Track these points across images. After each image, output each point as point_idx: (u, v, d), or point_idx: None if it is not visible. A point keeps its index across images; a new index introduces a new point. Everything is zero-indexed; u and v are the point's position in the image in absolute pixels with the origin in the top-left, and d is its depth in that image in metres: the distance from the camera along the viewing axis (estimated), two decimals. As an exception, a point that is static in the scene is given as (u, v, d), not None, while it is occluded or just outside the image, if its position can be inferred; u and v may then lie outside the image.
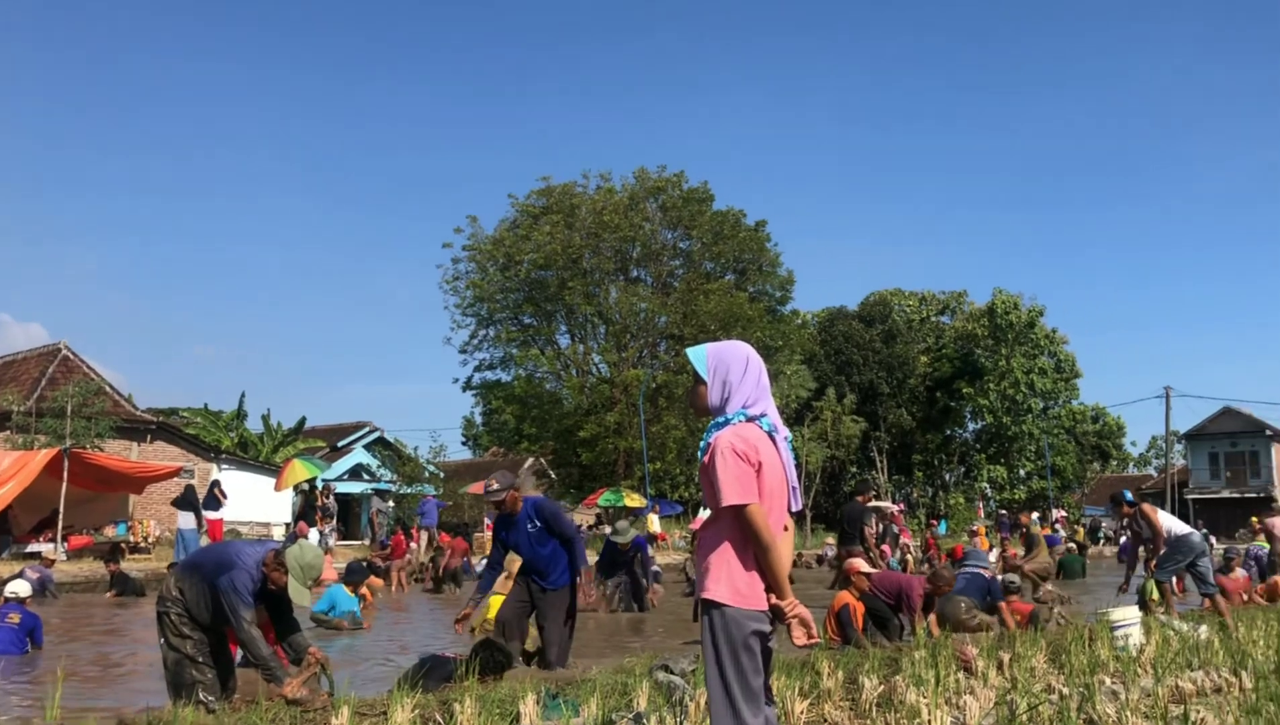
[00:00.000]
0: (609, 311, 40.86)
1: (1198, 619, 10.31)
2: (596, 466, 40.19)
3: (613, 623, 14.37)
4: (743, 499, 3.37)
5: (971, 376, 61.42)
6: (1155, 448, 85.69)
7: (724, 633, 3.39)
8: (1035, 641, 7.87)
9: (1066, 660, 7.30)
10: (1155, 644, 8.08)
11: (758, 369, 3.65)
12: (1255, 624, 9.82)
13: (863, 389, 58.50)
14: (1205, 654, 7.81)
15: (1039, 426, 60.94)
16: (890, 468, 61.61)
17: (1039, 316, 62.34)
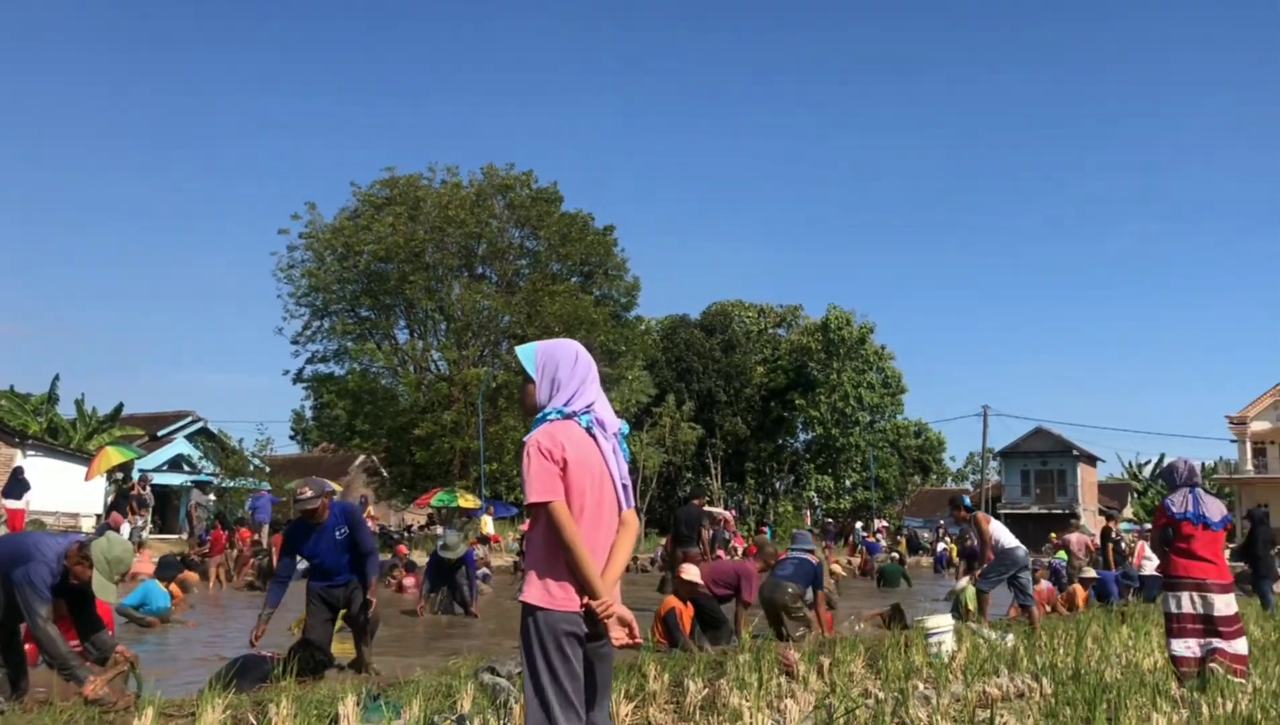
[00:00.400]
0: (451, 308, 40.25)
1: (1005, 627, 10.83)
2: (431, 466, 39.51)
3: (440, 625, 14.20)
4: (543, 497, 3.35)
5: (804, 388, 63.14)
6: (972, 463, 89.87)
7: (537, 635, 3.36)
8: (854, 647, 8.12)
9: (883, 666, 7.55)
10: (966, 651, 8.44)
11: (587, 366, 3.64)
12: (1056, 633, 10.38)
13: (701, 396, 59.44)
14: (1011, 661, 8.21)
15: (865, 439, 63.06)
16: (724, 474, 62.76)
17: (869, 333, 64.61)
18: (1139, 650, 8.98)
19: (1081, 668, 7.24)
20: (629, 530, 3.62)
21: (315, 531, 8.01)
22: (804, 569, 11.10)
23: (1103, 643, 9.51)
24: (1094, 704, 5.81)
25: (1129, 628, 10.74)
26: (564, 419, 3.51)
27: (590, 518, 3.46)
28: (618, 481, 3.59)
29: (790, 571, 11.03)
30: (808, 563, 11.14)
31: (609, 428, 3.60)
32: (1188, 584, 7.45)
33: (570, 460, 3.43)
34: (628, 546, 3.61)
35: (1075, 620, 11.86)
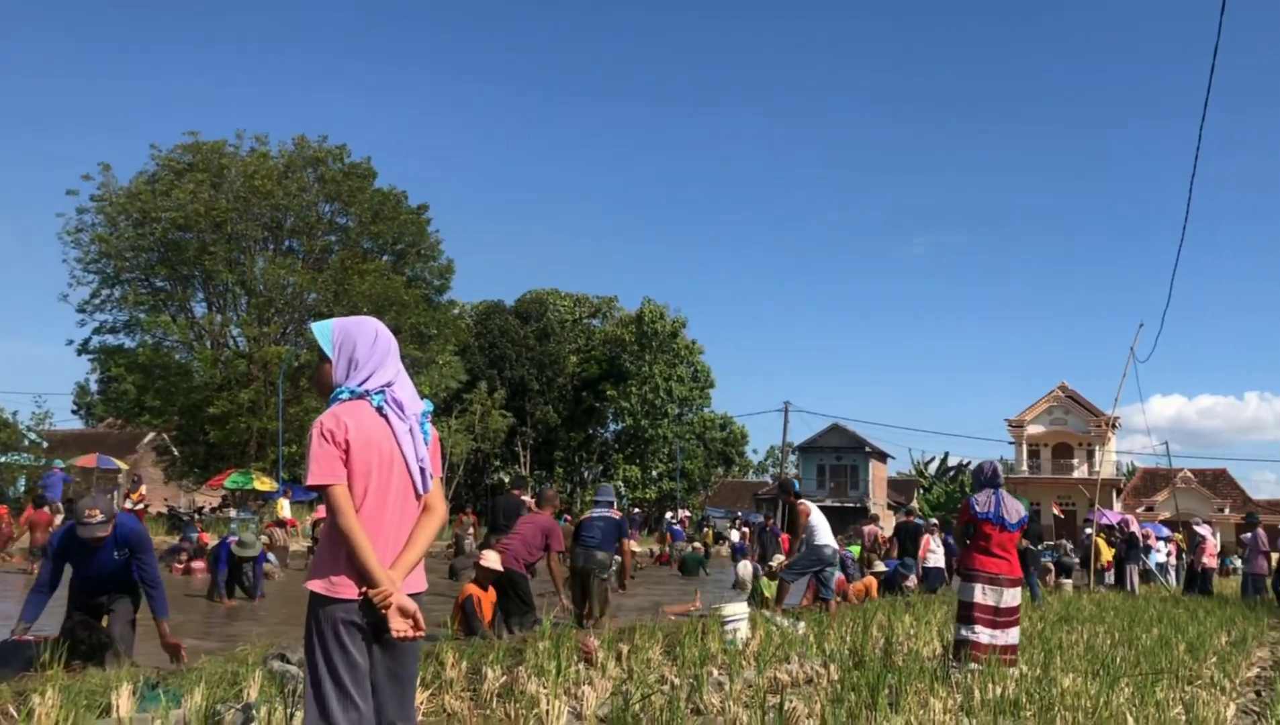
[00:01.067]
0: (253, 282, 38.61)
1: (797, 615, 11.22)
2: (226, 446, 37.83)
3: (229, 611, 13.69)
4: (322, 479, 3.25)
5: (616, 379, 63.71)
6: (773, 457, 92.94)
7: (316, 625, 3.26)
8: (653, 634, 8.24)
9: (680, 652, 7.69)
10: (760, 638, 8.70)
11: (386, 345, 3.53)
12: (844, 621, 10.84)
13: (513, 384, 59.15)
14: (801, 648, 8.51)
15: (673, 431, 64.18)
16: (533, 462, 62.69)
17: (682, 327, 65.75)
18: (920, 638, 9.45)
19: (866, 654, 7.57)
20: (431, 515, 3.51)
21: (91, 548, 7.14)
22: (610, 529, 11.22)
23: (887, 631, 9.97)
24: (876, 689, 6.08)
25: (912, 617, 11.29)
26: (355, 399, 3.40)
27: (375, 502, 3.34)
28: (413, 464, 3.46)
29: (598, 538, 11.11)
30: (612, 520, 11.27)
31: (407, 409, 3.49)
32: (982, 577, 8.12)
33: (354, 442, 3.31)
34: (429, 532, 3.49)
35: (862, 609, 12.39)
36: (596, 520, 11.27)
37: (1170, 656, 8.92)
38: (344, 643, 3.24)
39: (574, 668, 6.88)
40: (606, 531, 11.20)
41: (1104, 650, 9.14)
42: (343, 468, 3.28)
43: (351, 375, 3.44)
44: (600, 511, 11.38)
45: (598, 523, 11.24)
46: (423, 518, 3.51)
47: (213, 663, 6.49)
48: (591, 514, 11.43)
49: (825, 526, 12.03)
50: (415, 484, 3.48)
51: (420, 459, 3.50)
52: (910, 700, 6.05)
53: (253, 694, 5.55)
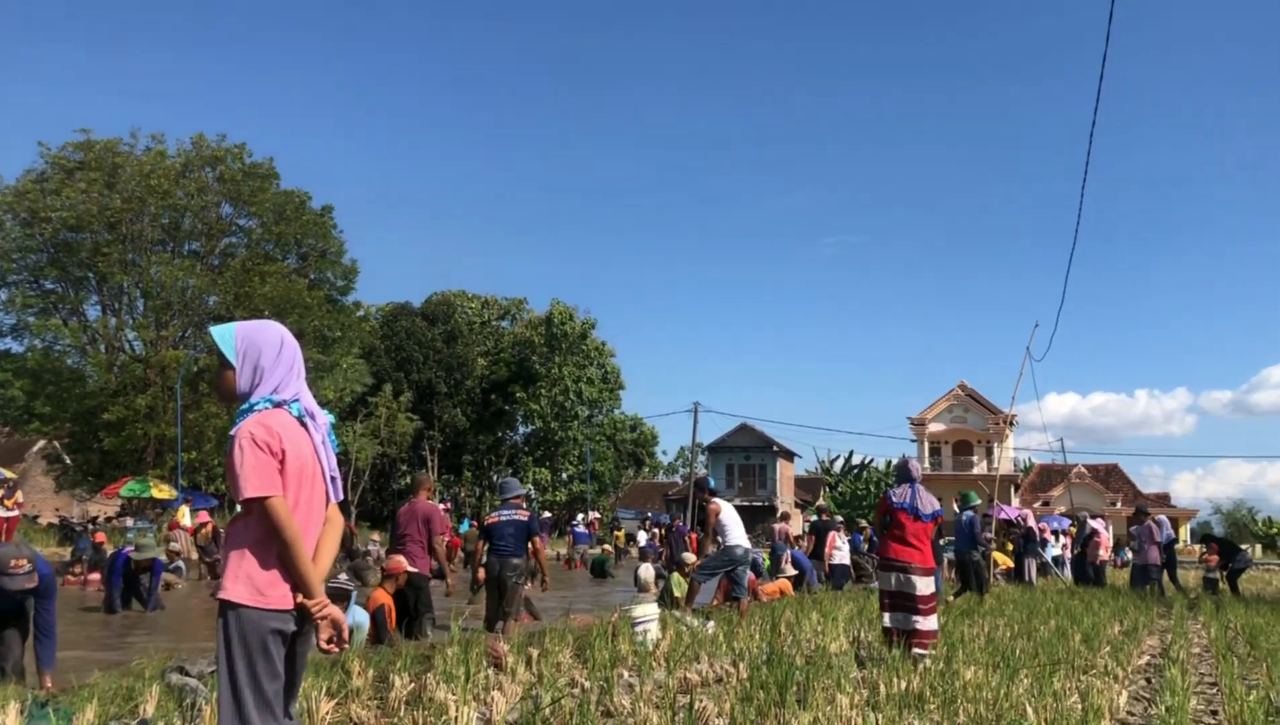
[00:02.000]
0: (150, 285, 37.47)
1: (707, 615, 11.29)
2: (121, 453, 36.64)
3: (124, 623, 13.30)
4: (262, 491, 3.20)
5: (526, 381, 63.40)
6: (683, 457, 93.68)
7: (239, 634, 3.22)
8: (563, 637, 8.22)
9: (591, 655, 7.68)
10: (670, 638, 8.73)
11: (292, 352, 3.49)
12: (754, 620, 10.93)
13: (420, 387, 58.47)
14: (711, 647, 8.56)
15: (584, 433, 64.14)
16: (441, 466, 62.06)
17: (591, 329, 65.76)
18: (827, 635, 9.59)
19: (775, 652, 7.65)
20: (334, 526, 3.53)
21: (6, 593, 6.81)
22: (520, 531, 11.11)
23: (795, 628, 10.09)
24: (785, 686, 6.15)
25: (819, 614, 11.45)
26: (275, 408, 3.36)
27: (303, 513, 3.35)
28: (327, 473, 3.48)
29: (510, 544, 11.01)
30: (520, 522, 11.16)
31: (318, 419, 3.48)
32: (896, 565, 8.56)
33: (287, 453, 3.30)
34: (333, 543, 3.50)
35: (770, 607, 12.52)
36: (506, 524, 11.14)
37: (1067, 647, 9.20)
38: (270, 653, 3.23)
39: (483, 673, 6.82)
40: (518, 535, 11.11)
41: (1004, 643, 9.38)
42: (279, 478, 3.26)
43: (260, 384, 3.39)
44: (508, 513, 11.25)
45: (507, 527, 11.12)
46: (327, 528, 3.52)
47: (107, 678, 6.28)
48: (500, 516, 11.27)
49: (737, 525, 12.03)
50: (329, 494, 3.51)
51: (331, 469, 3.52)
52: (818, 697, 6.12)
53: (149, 710, 5.38)
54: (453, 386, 60.72)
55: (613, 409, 68.76)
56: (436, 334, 60.68)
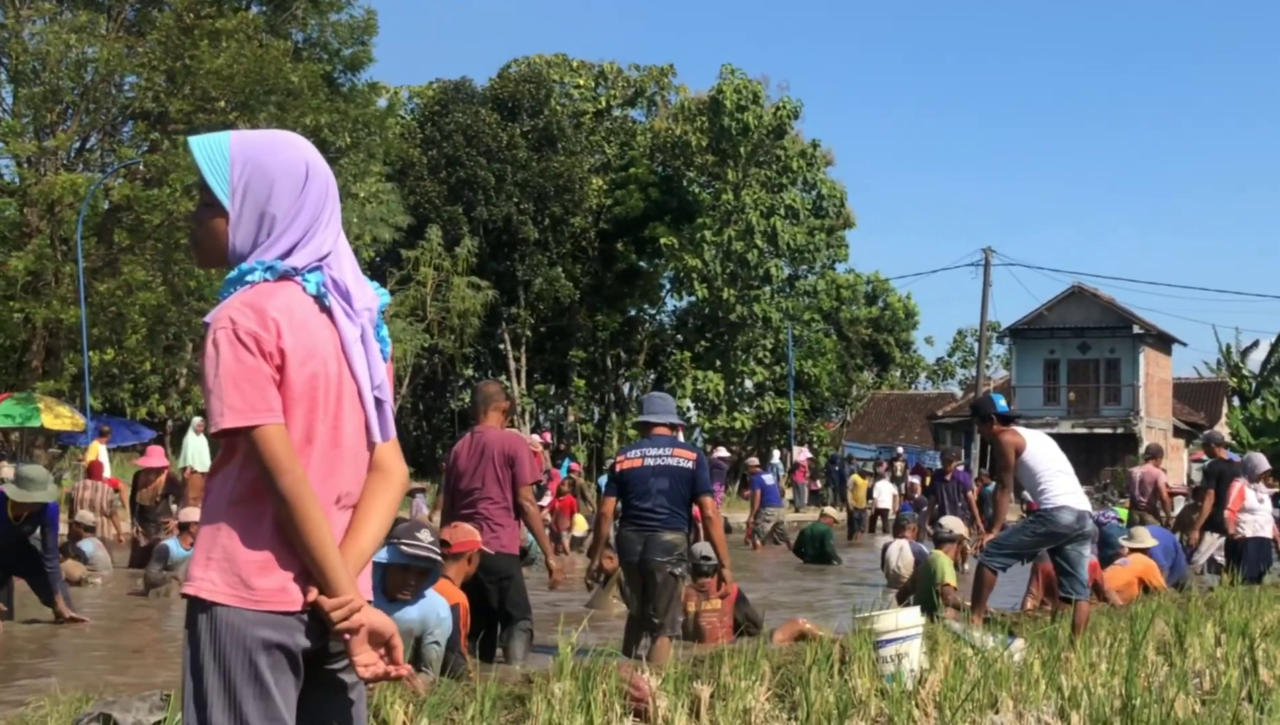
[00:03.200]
0: (22, 60, 38.58)
1: (1010, 628, 11.29)
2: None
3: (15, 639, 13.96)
4: (247, 419, 3.29)
5: (677, 217, 62.92)
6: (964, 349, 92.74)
7: (215, 649, 3.32)
8: (754, 666, 8.34)
9: (803, 696, 7.79)
10: (944, 669, 8.77)
11: (323, 187, 3.56)
12: (1098, 638, 10.88)
13: (493, 231, 58.71)
14: (1019, 685, 8.59)
15: (781, 308, 63.65)
16: (531, 370, 62.82)
17: (791, 119, 64.75)
18: (1230, 664, 9.51)
19: (1135, 696, 7.64)
20: (388, 481, 3.62)
21: None
22: (681, 484, 11.28)
23: (1174, 652, 10.04)
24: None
25: (1217, 625, 11.36)
26: (279, 280, 3.44)
27: (323, 455, 3.44)
28: (367, 394, 3.55)
29: (665, 508, 11.19)
30: (683, 469, 11.32)
31: (356, 301, 3.55)
32: None
33: (291, 353, 3.37)
34: (388, 507, 3.60)
35: (1130, 615, 12.45)
36: (652, 473, 11.31)
37: None
38: (263, 677, 3.32)
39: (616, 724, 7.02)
40: (674, 492, 11.29)
41: None
42: (276, 397, 3.34)
43: (265, 240, 3.47)
44: (657, 452, 11.40)
45: (655, 477, 11.29)
46: (374, 483, 3.60)
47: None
48: (642, 456, 11.43)
49: (1062, 471, 11.99)
50: (370, 426, 3.57)
51: (377, 386, 3.59)
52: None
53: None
54: (548, 228, 60.96)
55: (834, 262, 68.17)
56: (518, 134, 60.72)
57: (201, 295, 37.10)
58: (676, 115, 66.76)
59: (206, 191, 3.48)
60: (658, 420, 11.67)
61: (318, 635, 3.37)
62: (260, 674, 3.30)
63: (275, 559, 3.35)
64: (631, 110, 70.11)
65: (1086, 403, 66.20)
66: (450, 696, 7.58)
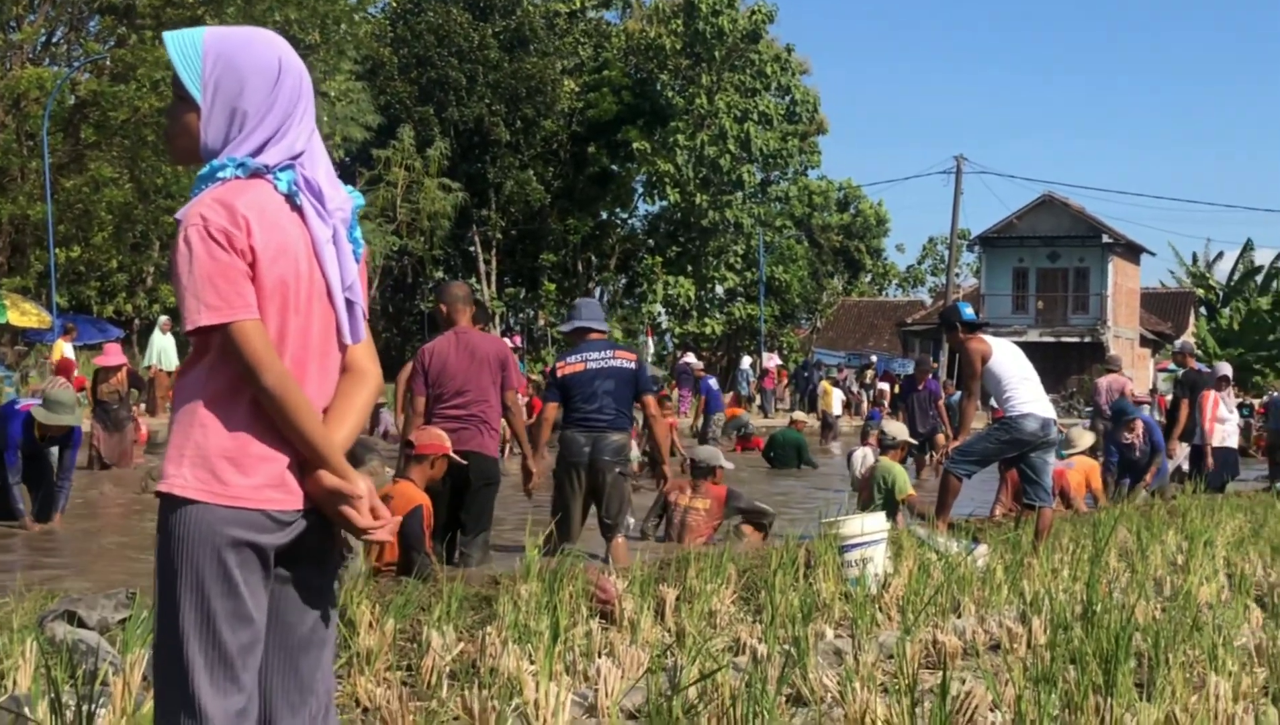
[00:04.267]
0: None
1: (974, 534, 11.36)
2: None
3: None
4: (221, 315, 3.27)
5: (650, 121, 62.80)
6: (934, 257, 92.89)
7: (185, 549, 3.31)
8: (719, 570, 8.39)
9: (768, 600, 7.83)
10: (908, 574, 8.83)
11: (296, 84, 3.55)
12: (1060, 544, 10.96)
13: (464, 131, 58.57)
14: (982, 590, 8.65)
15: (752, 213, 63.70)
16: (501, 273, 62.80)
17: (766, 23, 64.49)
18: (1194, 572, 9.58)
19: (1097, 601, 7.69)
20: (361, 382, 3.63)
21: None
22: (624, 385, 11.44)
23: (1135, 558, 10.11)
24: (1114, 660, 6.19)
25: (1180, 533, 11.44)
26: (251, 177, 3.42)
27: (293, 357, 3.44)
28: (338, 296, 3.54)
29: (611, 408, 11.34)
30: (624, 369, 11.46)
31: (328, 201, 3.54)
32: None
33: (261, 252, 3.35)
34: (360, 409, 3.61)
35: (1093, 521, 12.53)
36: (597, 373, 11.43)
37: None
38: (232, 579, 3.32)
39: (583, 627, 7.04)
40: (620, 393, 11.43)
41: None
42: (251, 292, 3.33)
43: (237, 136, 3.46)
44: (599, 355, 11.53)
45: (602, 377, 11.42)
46: (346, 384, 3.61)
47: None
48: (584, 361, 11.52)
49: (1028, 379, 12.05)
50: (341, 327, 3.57)
51: (348, 287, 3.58)
52: (1174, 678, 6.17)
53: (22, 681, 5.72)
54: (520, 131, 60.78)
55: (806, 168, 68.08)
56: (490, 35, 60.43)
57: (169, 193, 36.85)
58: (650, 18, 66.59)
59: (179, 86, 3.47)
60: (594, 325, 11.81)
61: (290, 533, 3.39)
62: (229, 572, 3.30)
63: (249, 455, 3.36)
64: (606, 12, 69.84)
65: (1055, 311, 66.43)
66: (417, 597, 7.60)
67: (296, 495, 3.42)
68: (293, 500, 3.41)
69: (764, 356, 51.85)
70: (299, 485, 3.42)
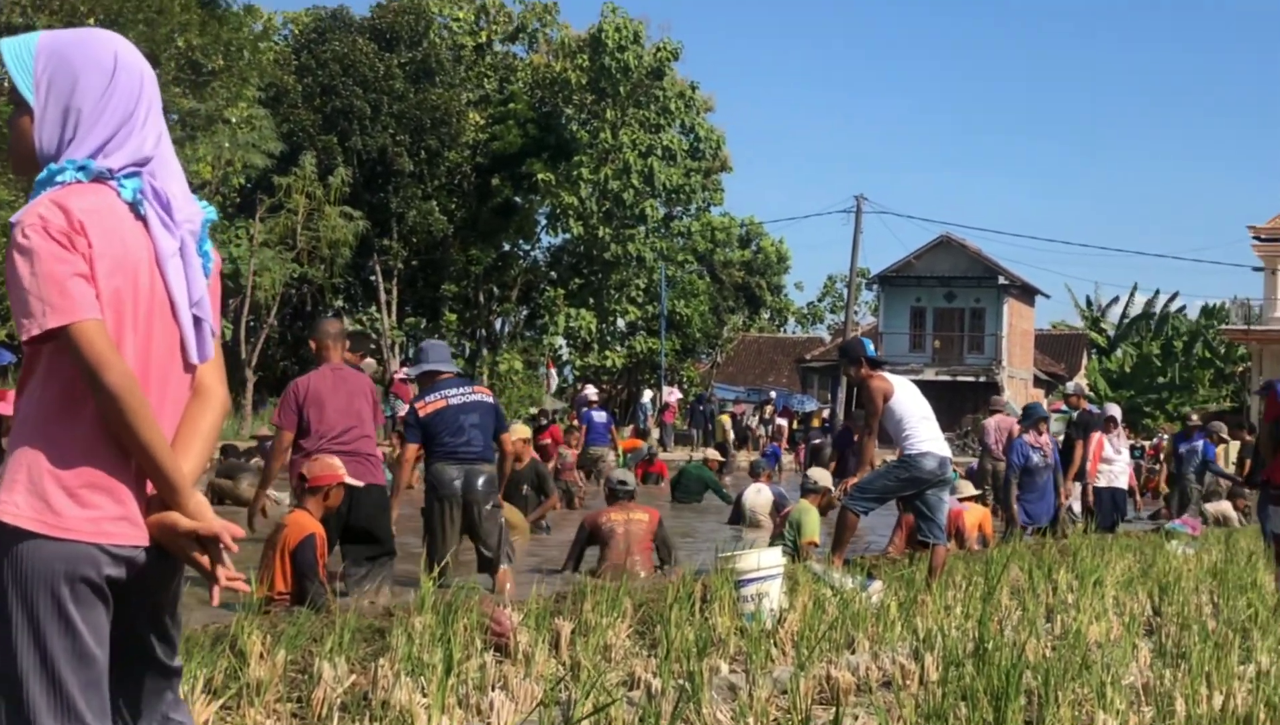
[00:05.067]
0: None
1: (868, 570, 11.42)
2: None
3: None
4: (68, 316, 3.13)
5: (554, 154, 62.83)
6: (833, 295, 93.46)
7: (18, 587, 3.16)
8: (616, 604, 8.37)
9: (663, 634, 7.82)
10: (803, 610, 8.85)
11: (135, 86, 3.42)
12: (953, 582, 11.03)
13: (368, 161, 58.38)
14: (876, 627, 8.68)
15: (655, 248, 63.83)
16: (402, 303, 62.55)
17: (672, 60, 64.80)
18: (1084, 610, 9.67)
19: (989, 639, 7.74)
20: (206, 402, 3.49)
21: None
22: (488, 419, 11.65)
23: (1026, 597, 10.18)
24: (1005, 698, 6.23)
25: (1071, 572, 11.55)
26: (93, 182, 3.30)
27: (134, 373, 3.25)
28: (183, 312, 3.40)
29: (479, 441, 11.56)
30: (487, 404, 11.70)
31: (177, 212, 3.41)
32: None
33: (97, 260, 3.22)
34: (208, 433, 3.47)
35: (985, 560, 12.62)
36: (461, 408, 11.59)
37: None
38: (69, 616, 3.18)
39: (476, 659, 7.00)
40: (485, 425, 11.63)
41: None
42: (91, 293, 3.19)
43: (73, 138, 3.35)
44: (457, 391, 11.72)
45: (466, 412, 11.59)
46: (195, 406, 3.48)
47: None
48: (445, 398, 11.66)
49: (925, 418, 12.16)
50: (186, 345, 3.43)
51: (195, 302, 3.44)
52: (1064, 715, 6.21)
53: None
54: (424, 161, 60.66)
55: (709, 204, 68.33)
56: (395, 65, 60.35)
57: None
58: (557, 52, 66.79)
59: (14, 92, 3.36)
60: (443, 367, 12.01)
61: (130, 565, 3.25)
62: (65, 610, 3.16)
63: (87, 484, 3.22)
64: (513, 46, 69.93)
65: (951, 351, 66.99)
66: (309, 628, 7.54)
67: (140, 530, 3.28)
68: (134, 535, 3.27)
69: (664, 390, 51.95)
70: (142, 519, 3.28)
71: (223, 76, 42.20)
